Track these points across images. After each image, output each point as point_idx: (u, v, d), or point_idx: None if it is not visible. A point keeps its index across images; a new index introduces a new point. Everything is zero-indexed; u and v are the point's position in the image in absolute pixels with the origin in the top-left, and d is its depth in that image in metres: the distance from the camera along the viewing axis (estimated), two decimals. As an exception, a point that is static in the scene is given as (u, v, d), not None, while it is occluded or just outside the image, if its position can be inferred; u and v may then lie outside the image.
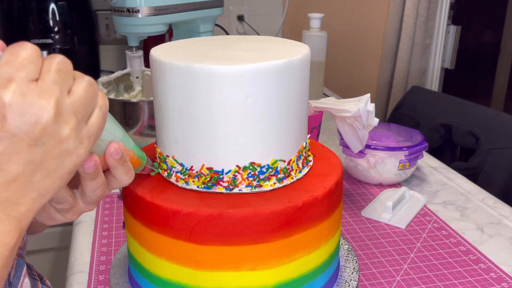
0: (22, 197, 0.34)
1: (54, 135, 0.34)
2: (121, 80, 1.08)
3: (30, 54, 0.33)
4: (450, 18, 1.62)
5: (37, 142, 0.33)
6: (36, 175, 0.34)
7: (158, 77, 0.51)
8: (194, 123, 0.50)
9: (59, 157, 0.35)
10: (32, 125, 0.33)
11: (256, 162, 0.51)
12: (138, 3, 0.97)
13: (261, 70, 0.48)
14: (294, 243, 0.51)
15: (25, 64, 0.33)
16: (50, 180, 0.35)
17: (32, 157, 0.33)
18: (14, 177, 0.33)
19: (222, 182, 0.51)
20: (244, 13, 1.79)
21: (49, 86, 0.34)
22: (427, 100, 1.37)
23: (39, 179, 0.35)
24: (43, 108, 0.33)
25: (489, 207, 0.84)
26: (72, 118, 0.35)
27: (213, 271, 0.50)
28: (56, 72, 0.34)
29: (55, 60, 0.35)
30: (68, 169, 0.36)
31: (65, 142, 0.35)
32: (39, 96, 0.33)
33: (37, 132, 0.33)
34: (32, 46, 0.34)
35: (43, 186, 0.35)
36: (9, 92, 0.32)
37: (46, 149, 0.34)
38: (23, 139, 0.33)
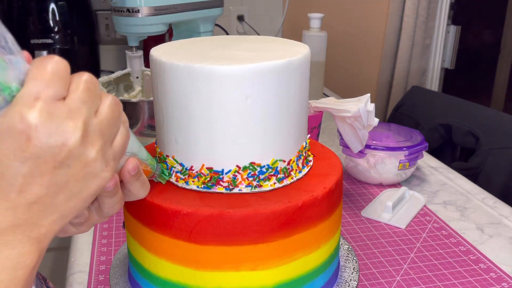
0: (43, 219, 0.33)
1: (80, 157, 0.33)
2: (121, 80, 1.08)
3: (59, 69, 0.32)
4: (450, 18, 1.63)
5: (62, 164, 0.32)
6: (59, 197, 0.33)
7: (158, 77, 0.51)
8: (194, 123, 0.50)
9: (83, 180, 0.34)
10: (58, 147, 0.31)
11: (256, 162, 0.51)
12: (138, 3, 0.97)
13: (261, 70, 0.48)
14: (294, 243, 0.51)
15: (54, 80, 0.31)
16: (73, 202, 0.34)
17: (56, 179, 0.32)
18: (36, 199, 0.32)
19: (222, 182, 0.51)
20: (244, 13, 1.79)
21: (77, 106, 0.32)
22: (427, 100, 1.37)
23: (61, 201, 0.33)
24: (70, 129, 0.32)
25: (489, 207, 0.84)
26: (99, 139, 0.34)
27: (213, 271, 0.50)
28: (84, 91, 0.33)
29: (83, 77, 0.33)
30: (92, 191, 0.35)
31: (91, 165, 0.34)
32: (67, 117, 0.32)
33: (63, 155, 0.32)
34: (61, 60, 0.32)
35: (66, 208, 0.34)
36: (35, 111, 0.30)
37: (71, 171, 0.33)
38: (48, 161, 0.31)
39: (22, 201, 0.32)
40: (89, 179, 0.34)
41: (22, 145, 0.30)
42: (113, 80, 1.06)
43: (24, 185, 0.31)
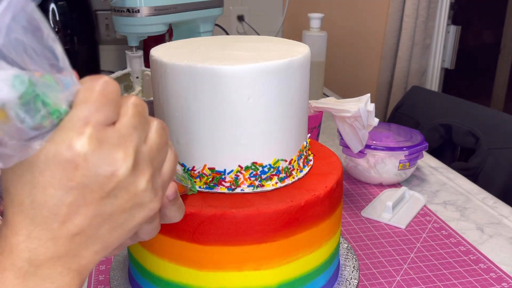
0: (84, 250, 0.31)
1: (129, 188, 0.31)
2: (121, 80, 1.08)
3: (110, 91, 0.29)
4: (450, 18, 1.63)
5: (109, 195, 0.30)
6: (103, 229, 0.31)
7: (159, 77, 0.51)
8: (195, 124, 0.50)
9: (130, 211, 0.32)
10: (107, 177, 0.29)
11: (258, 162, 0.51)
12: (138, 3, 0.97)
13: (262, 70, 0.48)
14: (297, 242, 0.51)
15: (104, 103, 0.29)
16: (117, 233, 0.32)
17: (102, 210, 0.30)
18: (79, 230, 0.30)
19: (224, 182, 0.51)
20: (244, 13, 1.79)
21: (128, 132, 0.30)
22: (427, 100, 1.37)
23: (105, 233, 0.31)
24: (120, 158, 0.29)
25: (489, 207, 0.84)
26: (149, 168, 0.32)
27: (216, 271, 0.50)
28: (135, 116, 0.31)
29: (132, 101, 0.31)
30: (138, 222, 0.33)
31: (139, 196, 0.32)
32: (117, 144, 0.29)
33: (112, 185, 0.30)
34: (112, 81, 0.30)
35: (109, 239, 0.32)
36: (84, 138, 0.28)
37: (118, 202, 0.31)
38: (95, 191, 0.29)
39: (64, 232, 0.30)
40: (136, 210, 0.32)
41: (68, 174, 0.28)
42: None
43: (67, 216, 0.30)
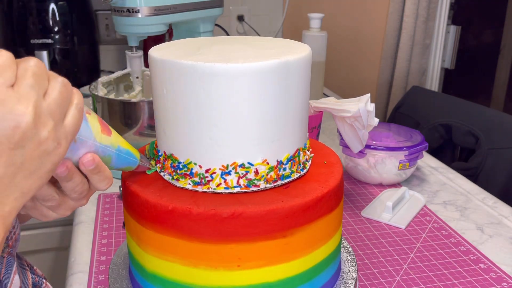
0: (5, 198, 0.35)
1: (33, 138, 0.35)
2: (121, 80, 1.08)
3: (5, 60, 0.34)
4: (450, 18, 1.63)
5: (17, 145, 0.34)
6: (18, 176, 0.35)
7: (157, 76, 0.51)
8: (192, 122, 0.50)
9: (38, 158, 0.36)
10: (12, 129, 0.34)
11: (256, 161, 0.51)
12: (138, 3, 0.97)
13: (260, 70, 0.48)
14: (296, 241, 0.51)
15: (1, 70, 0.34)
16: (31, 180, 0.37)
17: (13, 160, 0.35)
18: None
19: (222, 182, 0.51)
20: (244, 13, 1.79)
21: (26, 91, 0.35)
22: (427, 100, 1.37)
23: (20, 180, 0.36)
24: (22, 113, 0.34)
25: (489, 207, 0.84)
26: (49, 120, 0.36)
27: (213, 269, 0.50)
28: (31, 76, 0.35)
29: (29, 63, 0.36)
30: (48, 168, 0.37)
31: (44, 144, 0.36)
32: (17, 101, 0.34)
33: (17, 136, 0.34)
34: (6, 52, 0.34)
35: (25, 185, 0.36)
36: None
37: (26, 151, 0.35)
38: (3, 143, 0.34)
39: None
40: (44, 157, 0.36)
41: None
42: (113, 80, 1.05)
43: None
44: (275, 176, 0.52)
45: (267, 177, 0.52)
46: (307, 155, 0.57)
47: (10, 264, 0.49)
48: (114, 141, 0.46)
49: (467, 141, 1.21)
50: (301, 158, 0.55)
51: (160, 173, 0.55)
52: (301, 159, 0.55)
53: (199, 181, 0.52)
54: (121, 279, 0.61)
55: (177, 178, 0.53)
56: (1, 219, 0.36)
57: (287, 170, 0.53)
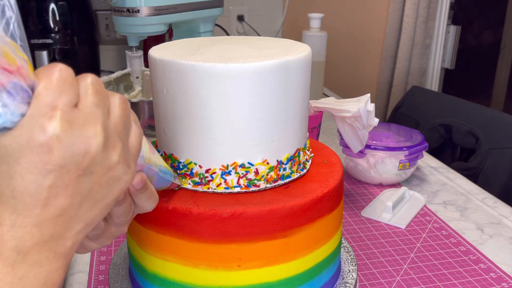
0: (68, 231, 0.32)
1: (103, 163, 0.32)
2: (121, 80, 1.08)
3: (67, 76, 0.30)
4: (450, 18, 1.63)
5: (85, 172, 0.31)
6: (83, 207, 0.32)
7: (157, 76, 0.51)
8: (192, 122, 0.50)
9: (107, 185, 0.33)
10: (82, 155, 0.30)
11: (257, 161, 0.51)
12: (138, 3, 0.97)
13: (261, 70, 0.48)
14: (296, 241, 0.51)
15: (65, 87, 0.30)
16: (97, 210, 0.33)
17: (80, 188, 0.31)
18: (61, 211, 0.31)
19: (222, 182, 0.51)
20: (244, 13, 1.79)
21: (92, 110, 0.31)
22: (427, 100, 1.37)
23: (85, 210, 0.32)
24: (91, 135, 0.31)
25: (489, 207, 0.84)
26: (118, 141, 0.33)
27: (213, 269, 0.50)
28: (95, 94, 0.32)
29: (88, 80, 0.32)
30: (115, 196, 0.34)
31: (113, 169, 0.33)
32: (85, 123, 0.30)
33: (86, 162, 0.31)
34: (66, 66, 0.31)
35: (90, 216, 0.33)
36: (55, 121, 0.29)
37: (94, 178, 0.32)
38: (72, 171, 0.30)
39: (47, 215, 0.30)
40: (112, 184, 0.33)
41: (44, 158, 0.29)
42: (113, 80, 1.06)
43: (48, 199, 0.30)
44: (275, 176, 0.52)
45: (267, 177, 0.52)
46: (307, 155, 0.57)
47: None
48: (157, 161, 0.44)
49: (467, 141, 1.21)
50: (301, 158, 0.55)
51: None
52: (301, 159, 0.55)
53: (199, 181, 0.52)
54: (121, 279, 0.61)
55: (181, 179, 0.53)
56: (63, 257, 0.32)
57: (287, 170, 0.53)
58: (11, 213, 0.30)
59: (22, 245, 0.30)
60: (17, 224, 0.30)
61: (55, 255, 0.32)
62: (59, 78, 0.30)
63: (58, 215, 0.31)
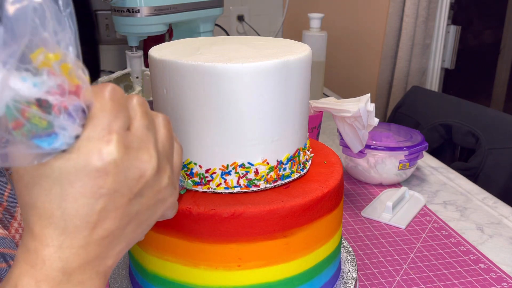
0: (111, 251, 0.32)
1: (154, 185, 0.32)
2: (121, 80, 1.08)
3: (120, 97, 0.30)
4: (450, 18, 1.63)
5: (137, 195, 0.31)
6: (129, 227, 0.32)
7: (157, 76, 0.51)
8: (192, 122, 0.50)
9: (154, 207, 0.33)
10: (136, 179, 0.30)
11: (257, 161, 0.51)
12: (138, 3, 0.97)
13: (261, 70, 0.48)
14: (297, 241, 0.51)
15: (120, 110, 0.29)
16: (140, 230, 0.33)
17: (130, 211, 0.31)
18: (108, 233, 0.31)
19: (222, 181, 0.51)
20: (244, 13, 1.79)
21: (144, 134, 0.31)
22: (427, 100, 1.37)
23: (130, 231, 0.32)
24: (146, 160, 0.30)
25: (489, 207, 0.84)
26: (167, 164, 0.33)
27: (213, 269, 0.50)
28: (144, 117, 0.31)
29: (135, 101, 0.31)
30: (158, 216, 0.34)
31: (162, 192, 0.33)
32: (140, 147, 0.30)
33: (140, 186, 0.31)
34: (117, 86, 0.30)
35: (132, 236, 0.33)
36: (112, 146, 0.28)
37: (143, 200, 0.32)
38: (124, 195, 0.30)
39: (95, 237, 0.30)
40: (158, 205, 0.33)
41: (99, 182, 0.29)
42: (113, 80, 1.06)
43: (98, 222, 0.30)
44: (275, 176, 0.52)
45: (267, 177, 0.52)
46: (307, 155, 0.57)
47: None
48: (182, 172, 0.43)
49: (467, 141, 1.21)
50: (301, 158, 0.55)
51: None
52: (301, 159, 0.55)
53: (199, 181, 0.52)
54: (121, 279, 0.61)
55: (177, 178, 0.53)
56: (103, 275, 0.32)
57: (287, 170, 0.53)
58: (60, 234, 0.29)
59: (68, 266, 0.30)
60: (64, 246, 0.30)
61: (97, 275, 0.32)
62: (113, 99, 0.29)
63: (105, 237, 0.31)
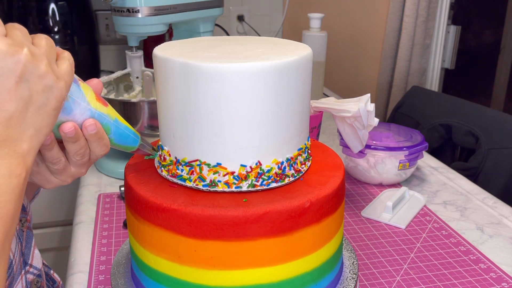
0: (21, 134, 0.39)
1: (34, 71, 0.39)
2: (121, 80, 1.08)
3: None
4: (450, 18, 1.62)
5: (22, 79, 0.39)
6: (28, 111, 0.39)
7: (161, 75, 0.51)
8: (193, 122, 0.50)
9: (43, 93, 0.40)
10: (14, 63, 0.38)
11: (257, 161, 0.51)
12: (138, 3, 0.97)
13: (262, 70, 0.48)
14: (298, 241, 0.51)
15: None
16: (41, 116, 0.40)
17: (21, 94, 0.39)
18: (11, 114, 0.38)
19: (223, 181, 0.51)
20: (244, 13, 1.79)
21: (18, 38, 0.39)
22: (427, 100, 1.37)
23: (31, 115, 0.40)
24: (19, 51, 0.38)
25: (489, 207, 0.84)
26: (44, 57, 0.40)
27: (214, 269, 0.50)
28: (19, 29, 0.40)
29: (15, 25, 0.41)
30: (53, 104, 0.41)
31: (44, 77, 0.40)
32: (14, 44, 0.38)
33: (19, 70, 0.38)
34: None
35: (36, 121, 0.40)
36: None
37: (30, 85, 0.39)
38: (10, 77, 0.38)
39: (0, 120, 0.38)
40: (47, 91, 0.40)
41: None
42: (113, 80, 1.06)
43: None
44: (276, 176, 0.52)
45: (268, 177, 0.52)
46: (307, 155, 0.57)
47: (29, 238, 0.54)
48: (111, 113, 0.49)
49: (467, 141, 1.21)
50: (302, 158, 0.55)
51: (161, 172, 0.55)
52: (302, 159, 0.55)
53: (200, 180, 0.52)
54: (122, 278, 0.61)
55: (179, 177, 0.53)
56: (21, 157, 0.39)
57: (287, 170, 0.53)
58: None
59: None
60: None
61: (15, 153, 0.39)
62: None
63: (8, 118, 0.38)
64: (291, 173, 0.54)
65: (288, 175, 0.53)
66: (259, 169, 0.51)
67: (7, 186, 0.38)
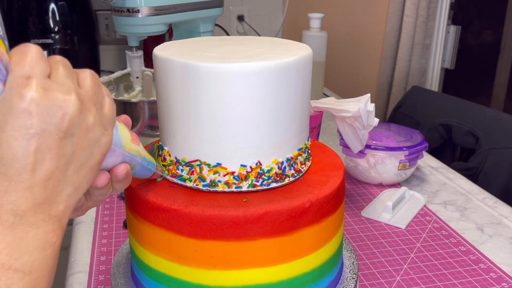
0: (59, 195, 0.35)
1: (81, 124, 0.35)
2: (121, 80, 1.08)
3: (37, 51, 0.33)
4: (450, 18, 1.63)
5: (66, 134, 0.34)
6: (69, 169, 0.35)
7: (161, 75, 0.51)
8: (193, 122, 0.50)
9: (88, 147, 0.36)
10: (60, 117, 0.33)
11: (257, 161, 0.51)
12: (138, 3, 0.97)
13: (262, 70, 0.48)
14: (298, 241, 0.51)
15: (36, 61, 0.33)
16: (82, 172, 0.36)
17: (64, 151, 0.34)
18: (49, 174, 0.34)
19: (224, 181, 0.51)
20: (244, 13, 1.79)
21: (64, 80, 0.34)
22: (427, 100, 1.37)
23: (72, 173, 0.35)
24: (66, 99, 0.33)
25: (489, 207, 0.84)
26: (92, 106, 0.36)
27: (213, 269, 0.50)
28: (64, 68, 0.35)
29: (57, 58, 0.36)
30: (97, 159, 0.37)
31: (91, 130, 0.36)
32: (59, 90, 0.33)
33: (66, 124, 0.33)
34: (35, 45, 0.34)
35: (77, 179, 0.36)
36: (31, 88, 0.32)
37: (75, 140, 0.35)
38: (53, 133, 0.33)
39: (37, 179, 0.33)
40: (92, 146, 0.36)
41: (26, 122, 0.32)
42: (113, 80, 1.06)
43: (36, 163, 0.33)
44: (276, 176, 0.52)
45: (268, 177, 0.52)
46: (307, 155, 0.57)
47: None
48: (141, 152, 0.47)
49: (467, 141, 1.21)
50: (302, 158, 0.55)
51: (160, 173, 0.55)
52: (302, 159, 0.55)
53: (200, 180, 0.52)
54: (122, 278, 0.61)
55: (179, 177, 0.53)
56: (57, 220, 0.35)
57: (287, 170, 0.53)
58: (4, 179, 0.32)
59: (18, 208, 0.33)
60: (10, 190, 0.32)
61: (50, 218, 0.34)
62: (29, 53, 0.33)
63: (47, 179, 0.34)
64: (291, 173, 0.54)
65: (288, 175, 0.53)
66: (259, 169, 0.51)
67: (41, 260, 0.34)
